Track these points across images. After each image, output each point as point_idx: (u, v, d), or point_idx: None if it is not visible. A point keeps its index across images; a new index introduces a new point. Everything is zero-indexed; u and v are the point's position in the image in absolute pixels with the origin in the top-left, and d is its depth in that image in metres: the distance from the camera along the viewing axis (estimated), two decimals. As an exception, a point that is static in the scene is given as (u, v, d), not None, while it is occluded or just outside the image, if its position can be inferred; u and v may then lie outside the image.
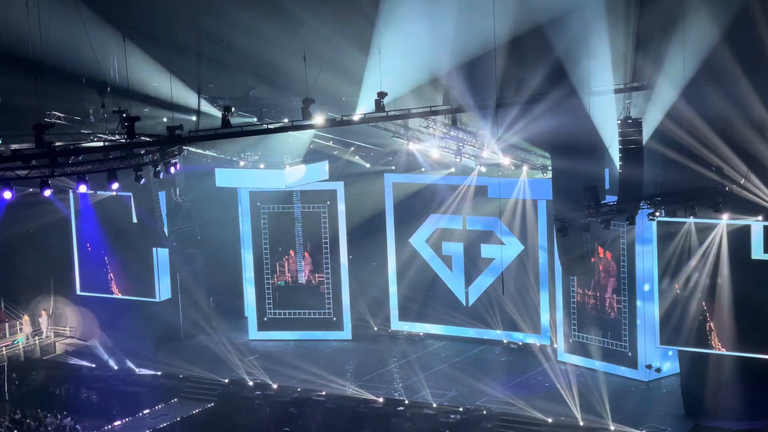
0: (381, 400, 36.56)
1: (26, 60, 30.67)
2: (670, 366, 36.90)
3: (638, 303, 36.66)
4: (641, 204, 32.72)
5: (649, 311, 35.74)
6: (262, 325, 43.57)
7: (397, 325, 43.54)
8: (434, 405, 35.92)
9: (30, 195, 36.78)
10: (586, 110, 31.81)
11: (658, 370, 37.02)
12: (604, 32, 31.59)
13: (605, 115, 32.46)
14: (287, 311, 43.51)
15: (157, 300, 42.90)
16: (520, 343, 41.21)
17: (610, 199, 33.64)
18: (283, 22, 36.17)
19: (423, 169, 41.75)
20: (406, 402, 36.38)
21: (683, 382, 34.85)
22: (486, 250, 41.44)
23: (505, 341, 41.53)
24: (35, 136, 24.80)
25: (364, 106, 33.35)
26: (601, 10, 31.48)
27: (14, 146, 27.56)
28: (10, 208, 38.75)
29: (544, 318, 40.56)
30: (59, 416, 36.71)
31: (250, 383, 38.70)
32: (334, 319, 43.26)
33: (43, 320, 43.85)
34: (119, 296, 43.35)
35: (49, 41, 30.87)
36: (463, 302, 42.33)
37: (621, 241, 36.78)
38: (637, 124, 31.37)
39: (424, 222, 42.44)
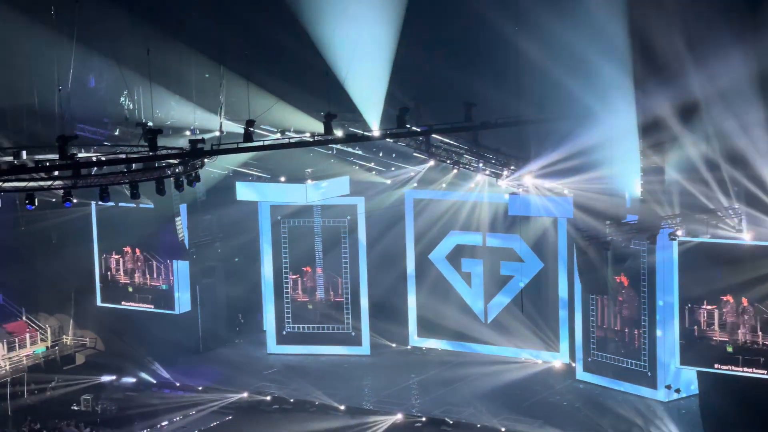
0: (399, 416, 36.50)
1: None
2: (690, 387, 36.68)
3: (658, 323, 36.49)
4: (662, 223, 32.63)
5: (669, 331, 35.55)
6: (281, 339, 43.61)
7: (415, 341, 43.49)
8: (451, 422, 35.82)
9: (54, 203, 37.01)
10: (606, 128, 31.89)
11: (678, 390, 36.79)
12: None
13: (626, 134, 32.49)
14: (306, 326, 43.54)
15: (177, 312, 43.01)
16: (539, 361, 41.08)
17: (631, 218, 33.57)
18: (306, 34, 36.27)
19: (443, 186, 41.74)
20: (424, 419, 36.30)
21: (702, 403, 34.63)
22: (505, 267, 41.38)
23: (523, 359, 41.41)
24: (59, 147, 24.99)
25: (386, 121, 33.44)
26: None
27: (38, 157, 27.81)
28: (32, 215, 39.09)
29: (563, 336, 40.44)
30: (78, 427, 36.80)
31: (268, 397, 38.73)
32: (353, 334, 43.24)
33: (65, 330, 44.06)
34: (139, 308, 43.46)
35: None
36: (482, 319, 42.25)
37: (641, 260, 36.64)
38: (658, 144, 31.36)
39: (444, 238, 42.42)
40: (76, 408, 38.99)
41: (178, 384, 40.31)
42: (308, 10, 33.85)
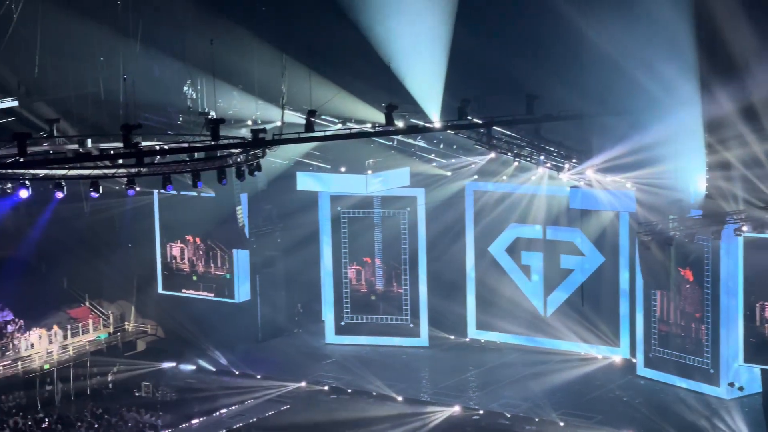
0: (456, 408, 36.43)
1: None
2: (753, 385, 36.15)
3: (722, 319, 35.97)
4: (727, 218, 32.17)
5: (733, 328, 35.06)
6: (339, 330, 43.72)
7: (474, 333, 43.34)
8: (509, 415, 35.67)
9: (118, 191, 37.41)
10: (671, 123, 31.54)
11: (741, 388, 36.26)
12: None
13: (691, 129, 32.09)
14: (364, 316, 43.61)
15: (237, 301, 43.32)
16: (599, 356, 40.74)
17: (695, 213, 33.14)
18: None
19: (504, 178, 41.52)
20: (481, 412, 36.20)
21: (766, 401, 34.11)
22: (566, 261, 41.08)
23: (582, 353, 41.09)
24: (123, 136, 25.23)
25: (446, 112, 33.33)
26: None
27: (102, 145, 28.15)
28: (96, 203, 39.61)
29: (624, 331, 40.05)
30: (139, 412, 37.22)
31: (326, 387, 38.86)
32: (411, 325, 43.22)
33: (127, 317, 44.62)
34: (199, 296, 43.85)
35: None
36: (541, 312, 42.00)
37: (705, 256, 36.14)
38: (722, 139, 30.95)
39: (504, 230, 42.20)
40: (136, 394, 39.45)
41: (236, 372, 40.60)
42: (369, 1, 33.87)
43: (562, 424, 34.71)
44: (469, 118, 31.88)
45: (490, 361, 41.17)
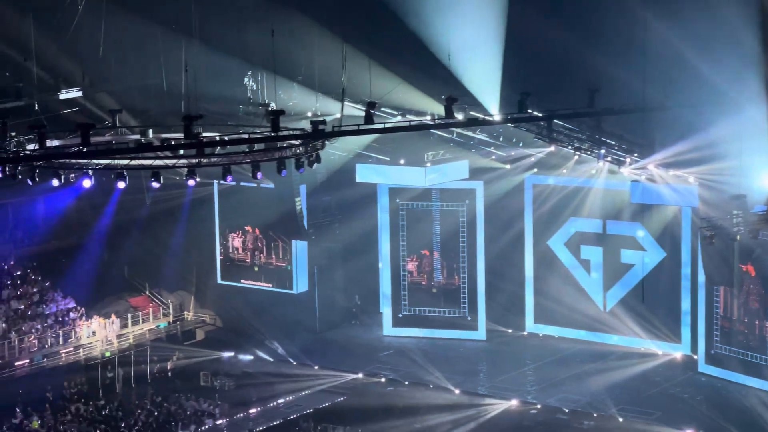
0: (514, 402, 36.27)
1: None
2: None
3: (785, 317, 35.43)
4: (792, 214, 31.63)
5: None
6: (397, 322, 43.74)
7: (532, 327, 43.12)
8: (567, 410, 35.44)
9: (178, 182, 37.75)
10: (736, 118, 31.04)
11: (803, 386, 35.71)
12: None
13: (756, 125, 31.55)
14: (422, 309, 43.56)
15: (295, 292, 43.51)
16: (659, 352, 40.30)
17: (760, 209, 32.59)
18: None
19: (564, 171, 41.21)
20: (539, 406, 36.01)
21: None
22: (626, 256, 40.69)
23: (642, 349, 40.68)
24: (184, 126, 25.37)
25: (506, 105, 33.10)
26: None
27: (164, 136, 28.36)
28: (157, 194, 40.05)
29: (685, 328, 39.57)
30: (198, 400, 37.55)
31: (383, 379, 38.90)
32: (469, 318, 43.11)
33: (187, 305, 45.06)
34: (258, 286, 44.12)
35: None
36: (601, 307, 41.64)
37: (769, 252, 35.62)
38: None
39: (564, 224, 41.91)
40: (195, 383, 39.79)
41: (294, 362, 40.79)
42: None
43: (621, 420, 34.41)
44: (529, 111, 31.62)
45: (548, 356, 40.92)
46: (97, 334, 41.16)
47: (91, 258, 44.04)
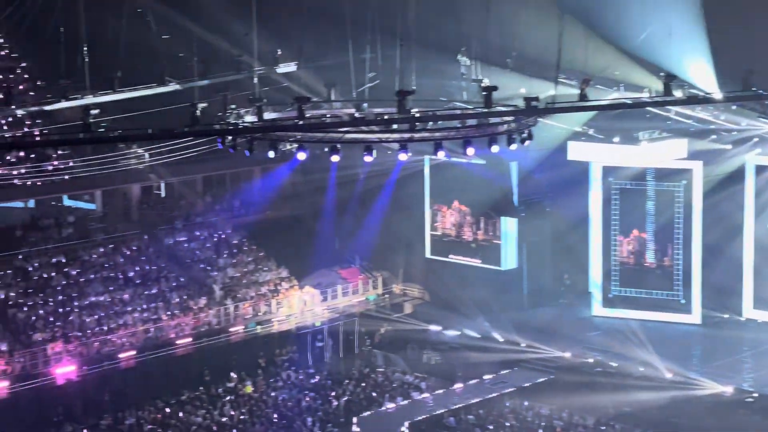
0: (729, 389, 34.98)
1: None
2: None
3: None
4: None
5: None
6: (607, 302, 42.87)
7: (750, 312, 41.37)
8: (787, 401, 34.00)
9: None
10: None
11: None
12: None
13: None
14: (634, 290, 42.52)
15: (503, 268, 43.32)
16: None
17: None
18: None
19: (790, 152, 39.30)
20: (756, 394, 34.60)
21: None
22: None
23: None
24: (398, 102, 25.49)
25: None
26: None
27: (377, 110, 28.66)
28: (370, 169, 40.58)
29: None
30: (404, 373, 38.01)
31: (591, 359, 38.23)
32: (683, 302, 41.78)
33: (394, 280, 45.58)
34: (466, 262, 44.17)
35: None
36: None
37: None
38: None
39: (787, 207, 40.06)
40: (402, 355, 40.24)
41: (501, 339, 40.62)
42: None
43: None
44: (753, 89, 30.19)
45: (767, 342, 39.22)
46: (308, 304, 42.18)
47: (305, 229, 45.12)
